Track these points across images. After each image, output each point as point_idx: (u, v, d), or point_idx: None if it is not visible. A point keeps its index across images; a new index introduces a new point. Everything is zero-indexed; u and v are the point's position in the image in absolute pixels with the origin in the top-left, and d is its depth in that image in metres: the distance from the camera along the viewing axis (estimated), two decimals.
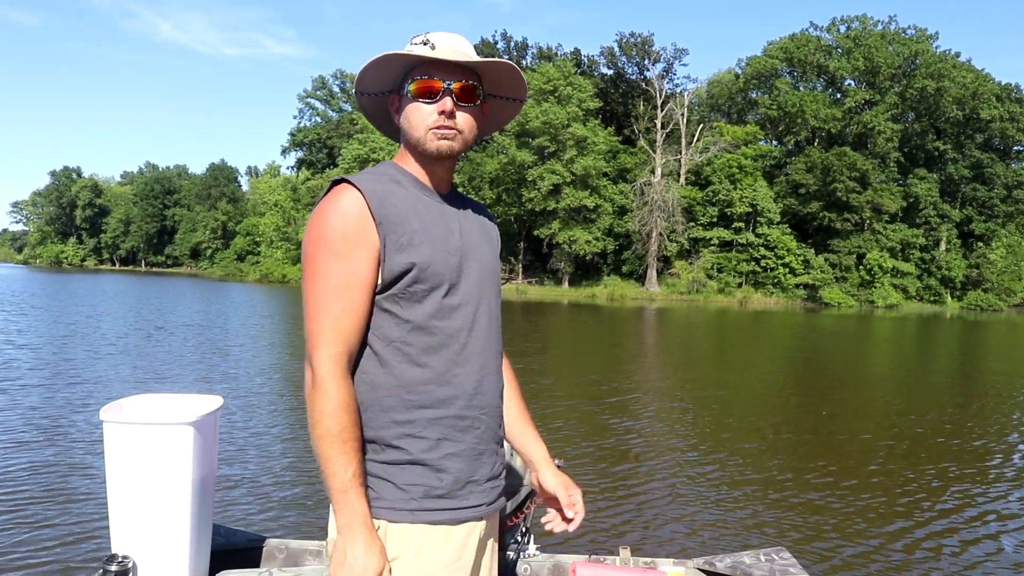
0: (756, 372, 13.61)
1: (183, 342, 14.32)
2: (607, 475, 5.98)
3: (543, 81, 52.60)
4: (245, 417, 7.62)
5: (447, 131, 1.42)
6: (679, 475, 6.13)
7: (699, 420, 8.51)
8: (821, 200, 52.13)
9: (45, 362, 10.95)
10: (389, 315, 1.39)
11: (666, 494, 5.55)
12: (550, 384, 10.71)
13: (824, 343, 21.34)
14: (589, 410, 8.88)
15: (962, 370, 15.61)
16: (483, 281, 1.49)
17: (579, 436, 7.44)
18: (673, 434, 7.72)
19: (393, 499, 1.38)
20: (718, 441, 7.43)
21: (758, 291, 51.67)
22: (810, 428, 8.31)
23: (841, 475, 6.27)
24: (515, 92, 1.55)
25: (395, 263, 1.36)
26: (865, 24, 58.11)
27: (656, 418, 8.57)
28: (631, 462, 6.47)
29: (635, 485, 5.74)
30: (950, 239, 56.32)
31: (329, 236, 1.35)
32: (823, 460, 6.79)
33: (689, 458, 6.72)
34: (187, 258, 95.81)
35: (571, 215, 52.15)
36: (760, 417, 8.82)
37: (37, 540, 4.14)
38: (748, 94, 60.02)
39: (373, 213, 1.35)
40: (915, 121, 57.75)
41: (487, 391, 1.47)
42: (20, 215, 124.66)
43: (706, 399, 9.96)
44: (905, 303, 52.20)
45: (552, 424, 7.86)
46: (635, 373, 12.48)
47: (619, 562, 3.01)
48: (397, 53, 1.40)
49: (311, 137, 69.80)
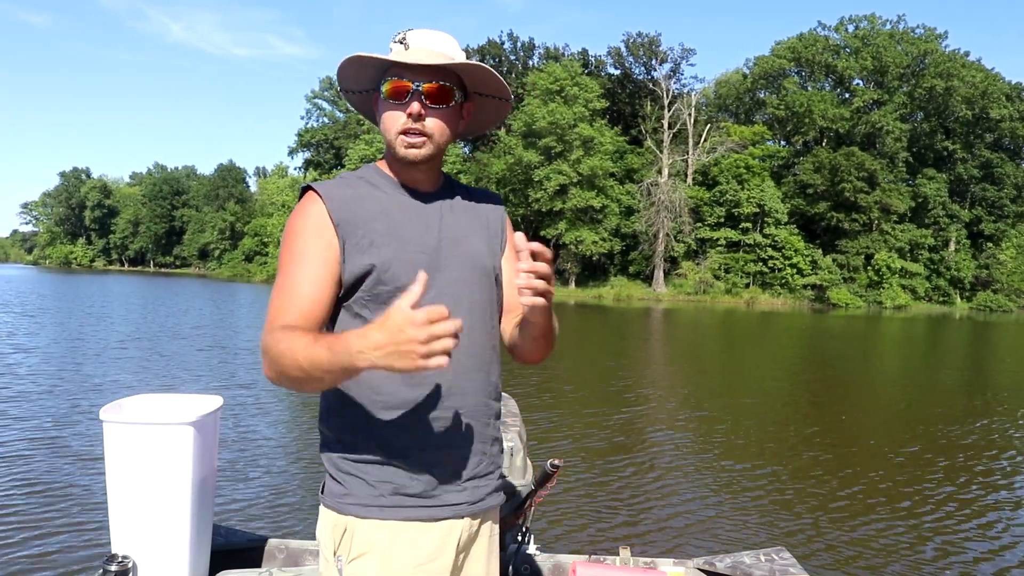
0: (760, 372, 13.57)
1: (184, 342, 14.37)
2: (607, 475, 5.98)
3: (550, 81, 52.55)
4: (246, 417, 7.64)
5: (414, 137, 1.40)
6: (679, 475, 6.12)
7: (701, 420, 8.49)
8: (829, 200, 51.95)
9: (47, 362, 10.99)
10: (360, 319, 1.39)
11: (666, 494, 5.54)
12: (552, 383, 10.70)
13: (831, 344, 21.26)
14: (590, 409, 8.87)
15: (970, 371, 15.53)
16: (466, 277, 1.46)
17: (580, 435, 7.43)
18: (674, 434, 7.71)
19: (362, 495, 1.38)
20: (719, 441, 7.41)
21: (765, 292, 51.51)
22: (812, 429, 8.28)
23: (842, 475, 6.25)
24: (498, 91, 1.52)
25: (355, 264, 1.38)
26: (873, 23, 57.89)
27: (658, 418, 8.56)
28: (632, 462, 6.46)
29: (635, 485, 5.74)
30: (959, 239, 56.02)
31: (289, 236, 1.40)
32: (824, 460, 6.77)
33: (690, 458, 6.71)
34: (195, 259, 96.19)
35: (578, 215, 52.09)
36: (762, 418, 8.80)
37: (37, 540, 4.14)
38: (756, 94, 59.86)
39: (332, 215, 1.38)
40: (924, 121, 57.48)
41: (466, 390, 1.44)
42: (30, 216, 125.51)
43: (709, 399, 9.94)
44: (914, 304, 51.92)
45: (553, 422, 7.86)
46: (638, 373, 12.46)
47: (619, 562, 3.01)
48: (362, 55, 1.39)
49: (318, 138, 69.96)
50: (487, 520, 1.53)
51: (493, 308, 1.53)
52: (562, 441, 7.09)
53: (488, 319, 1.51)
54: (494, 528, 1.55)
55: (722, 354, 17.58)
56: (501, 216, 1.61)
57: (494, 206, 1.60)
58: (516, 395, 3.75)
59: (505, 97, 1.54)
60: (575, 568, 2.79)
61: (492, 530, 1.54)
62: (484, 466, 1.48)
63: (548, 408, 8.74)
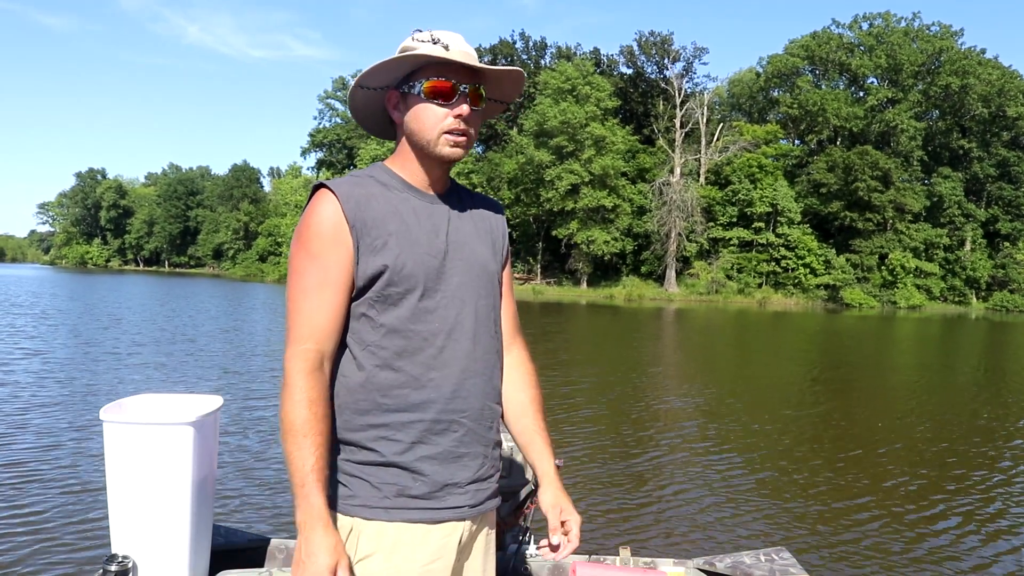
0: (765, 372, 13.50)
1: (189, 342, 14.43)
2: (607, 474, 5.96)
3: (561, 80, 52.47)
4: (246, 416, 7.65)
5: (459, 137, 1.43)
6: (680, 474, 6.09)
7: (702, 420, 8.45)
8: (843, 199, 51.57)
9: (49, 361, 11.03)
10: (366, 319, 1.40)
11: (667, 494, 5.52)
12: (554, 383, 10.68)
13: (842, 344, 21.11)
14: (592, 409, 8.86)
15: (985, 372, 15.37)
16: (472, 281, 1.48)
17: (581, 435, 7.42)
18: (675, 434, 7.69)
19: (367, 497, 1.39)
20: (720, 441, 7.38)
21: (778, 292, 51.23)
22: (814, 429, 8.22)
23: (843, 475, 6.21)
24: (509, 96, 1.55)
25: (368, 265, 1.38)
26: (888, 21, 57.41)
27: (660, 418, 8.53)
28: (632, 461, 6.45)
29: (635, 485, 5.72)
30: (975, 239, 55.44)
31: (305, 237, 1.38)
32: (825, 460, 6.73)
33: (690, 457, 6.68)
34: (210, 259, 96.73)
35: (589, 215, 52.00)
36: (763, 417, 8.75)
37: (37, 540, 4.14)
38: (769, 93, 59.53)
39: (347, 216, 1.37)
40: (939, 119, 56.97)
41: (469, 394, 1.45)
42: (46, 216, 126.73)
43: (712, 400, 9.90)
44: (929, 304, 51.46)
45: (553, 422, 7.85)
46: (643, 373, 12.42)
47: (619, 562, 3.01)
48: (418, 52, 1.38)
49: (331, 138, 70.23)
50: (486, 522, 1.55)
51: (497, 314, 1.56)
52: (562, 440, 7.08)
53: (492, 324, 1.53)
54: (491, 530, 1.57)
55: (730, 354, 17.50)
56: (503, 225, 1.63)
57: (497, 214, 1.62)
58: None
59: (510, 101, 1.57)
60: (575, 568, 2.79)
61: (489, 531, 1.57)
62: (486, 469, 1.50)
63: (549, 408, 8.73)
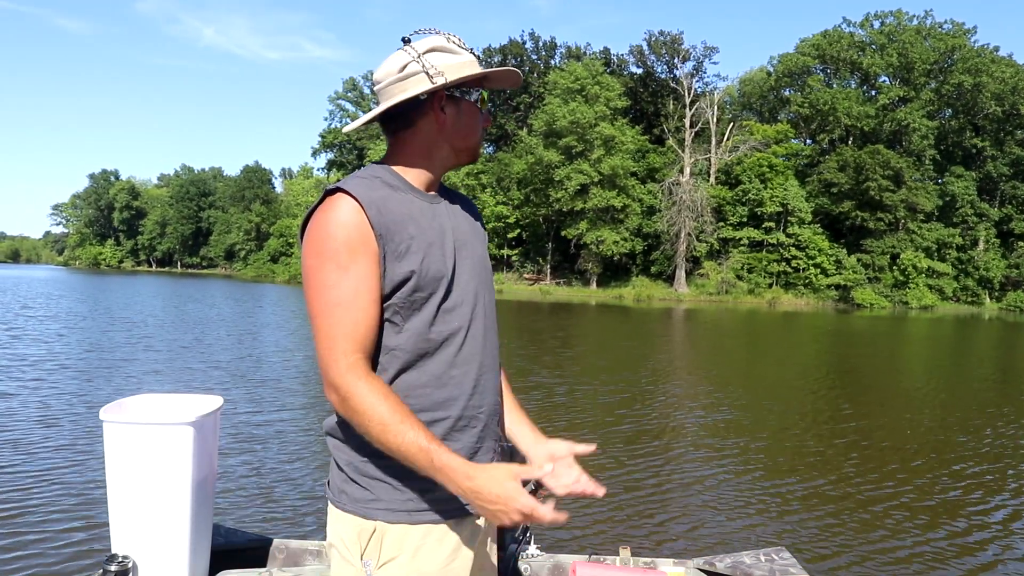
0: (770, 372, 13.44)
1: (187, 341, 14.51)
2: (607, 474, 5.94)
3: (571, 80, 52.46)
4: (246, 416, 7.64)
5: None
6: (680, 474, 6.07)
7: (703, 419, 8.42)
8: (854, 199, 51.26)
9: (51, 361, 11.05)
10: (390, 324, 1.38)
11: (667, 494, 5.50)
12: (556, 382, 10.67)
13: (851, 344, 21.00)
14: (593, 408, 8.84)
15: (997, 373, 15.25)
16: (477, 277, 1.49)
17: (581, 434, 7.41)
18: (676, 434, 7.66)
19: (390, 500, 1.38)
20: (721, 441, 7.34)
21: (788, 292, 51.01)
22: (815, 429, 8.18)
23: (844, 476, 6.17)
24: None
25: (395, 273, 1.35)
26: (900, 19, 57.07)
27: (660, 418, 8.50)
28: (632, 461, 6.42)
29: (635, 484, 5.70)
30: (988, 239, 54.97)
31: (332, 248, 1.32)
32: (826, 460, 6.68)
33: (690, 457, 6.66)
34: (221, 259, 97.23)
35: (599, 215, 51.94)
36: (764, 417, 8.71)
37: (37, 540, 4.14)
38: (780, 92, 59.31)
39: (372, 222, 1.33)
40: (952, 118, 56.57)
41: (485, 389, 1.47)
42: (60, 217, 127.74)
43: (713, 399, 9.86)
44: (941, 304, 51.09)
45: (554, 421, 7.84)
46: (647, 373, 12.38)
47: (619, 562, 3.01)
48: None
49: (341, 139, 70.43)
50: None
51: (495, 310, 1.58)
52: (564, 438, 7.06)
53: (495, 320, 1.56)
54: (493, 528, 1.57)
55: (738, 355, 17.43)
56: (483, 223, 1.66)
57: (479, 215, 1.64)
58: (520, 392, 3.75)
59: None
60: (575, 568, 2.80)
61: (493, 529, 1.57)
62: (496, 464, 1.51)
63: (550, 407, 8.73)
